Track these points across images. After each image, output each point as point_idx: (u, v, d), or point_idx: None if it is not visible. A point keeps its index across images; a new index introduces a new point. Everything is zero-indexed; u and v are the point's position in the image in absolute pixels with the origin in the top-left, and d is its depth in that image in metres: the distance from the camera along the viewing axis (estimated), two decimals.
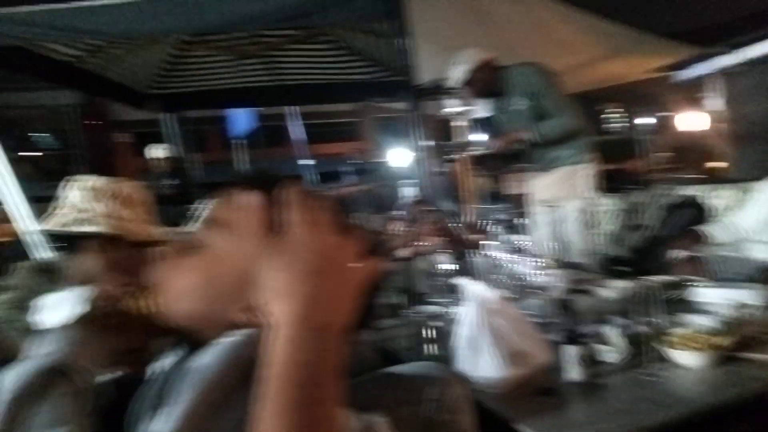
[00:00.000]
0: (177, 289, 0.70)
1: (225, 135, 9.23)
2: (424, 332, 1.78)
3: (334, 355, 0.59)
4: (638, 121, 5.26)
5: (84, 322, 0.68)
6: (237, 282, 0.69)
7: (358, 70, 5.02)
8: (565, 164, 3.10)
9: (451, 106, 1.68)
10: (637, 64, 4.62)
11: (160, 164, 5.85)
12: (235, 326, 0.69)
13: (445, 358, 1.59)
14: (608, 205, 3.62)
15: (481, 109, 3.26)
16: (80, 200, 1.53)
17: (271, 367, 0.57)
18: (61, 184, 1.58)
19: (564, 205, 3.06)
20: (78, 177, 1.58)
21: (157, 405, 0.63)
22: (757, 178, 2.52)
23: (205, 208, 0.74)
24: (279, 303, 0.59)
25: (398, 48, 4.33)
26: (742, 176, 3.66)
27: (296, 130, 8.24)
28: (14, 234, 3.27)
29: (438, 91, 4.30)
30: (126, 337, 0.69)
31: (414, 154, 5.98)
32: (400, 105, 6.27)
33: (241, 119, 7.41)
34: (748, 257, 2.41)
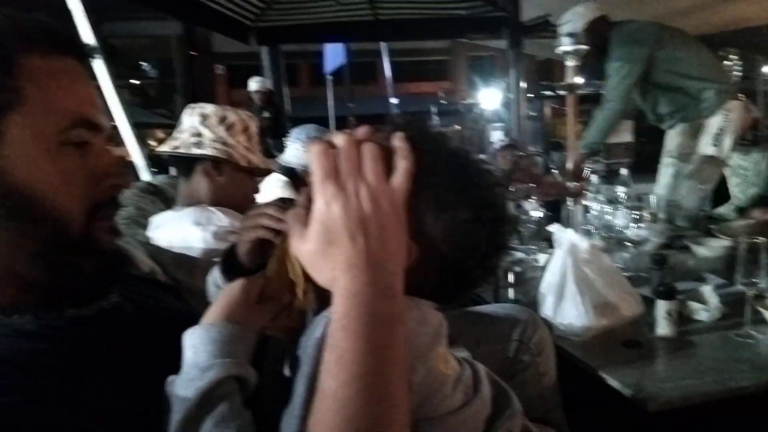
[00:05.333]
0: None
1: (316, 71, 9.31)
2: (507, 276, 1.79)
3: (392, 301, 0.59)
4: (761, 69, 4.78)
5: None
6: None
7: (456, 4, 4.87)
8: (691, 119, 2.88)
9: (561, 45, 1.60)
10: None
11: (257, 97, 6.05)
12: None
13: (527, 303, 1.60)
14: (726, 161, 3.34)
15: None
16: (193, 126, 1.62)
17: (333, 323, 0.57)
18: (186, 110, 1.67)
19: (682, 157, 2.88)
20: (194, 105, 1.67)
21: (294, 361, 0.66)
22: None
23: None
24: (330, 277, 0.60)
25: None
26: None
27: (386, 67, 8.17)
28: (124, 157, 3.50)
29: (542, 29, 4.08)
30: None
31: (508, 95, 5.84)
32: (496, 43, 6.09)
33: (333, 56, 7.43)
34: None
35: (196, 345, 0.65)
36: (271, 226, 0.84)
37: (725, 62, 5.09)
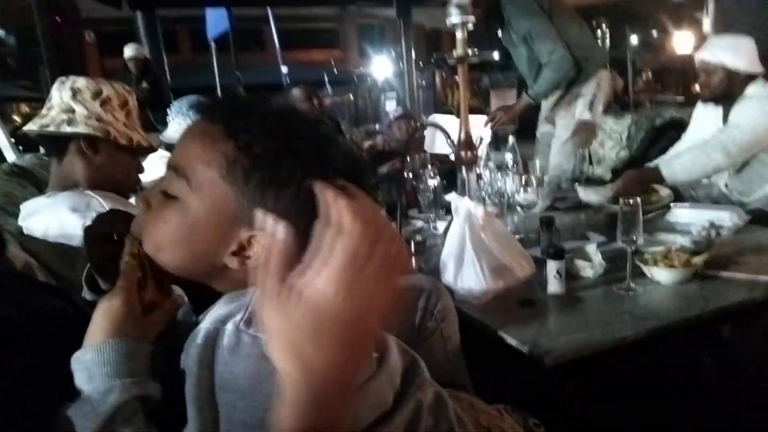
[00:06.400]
0: (159, 240, 0.69)
1: (197, 37, 8.79)
2: (409, 246, 1.82)
3: (342, 413, 0.52)
4: (630, 39, 5.18)
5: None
6: (216, 228, 0.67)
7: None
8: (568, 87, 3.05)
9: (450, 16, 1.61)
10: None
11: (133, 65, 5.61)
12: (229, 273, 0.69)
13: (429, 270, 1.64)
14: (600, 125, 3.60)
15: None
16: (64, 101, 1.47)
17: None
18: (55, 84, 1.51)
19: (562, 123, 3.05)
20: (65, 78, 1.50)
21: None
22: None
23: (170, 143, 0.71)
24: (283, 360, 0.51)
25: None
26: None
27: (273, 34, 7.88)
28: None
29: None
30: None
31: (398, 65, 5.87)
32: (385, 11, 6.06)
33: (216, 21, 7.03)
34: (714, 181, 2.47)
35: (90, 369, 0.60)
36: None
37: (598, 31, 5.46)
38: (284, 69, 7.43)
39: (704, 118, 2.52)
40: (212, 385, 0.58)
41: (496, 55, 3.37)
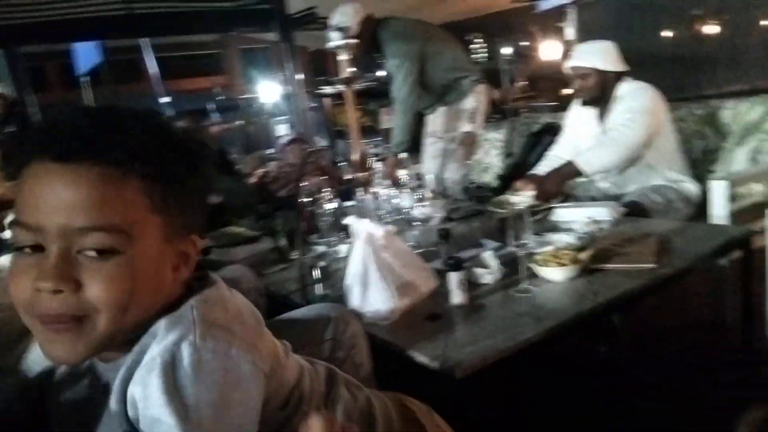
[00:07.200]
0: (122, 302, 0.66)
1: (67, 71, 8.20)
2: (312, 273, 1.79)
3: None
4: (502, 51, 5.50)
5: None
6: (162, 258, 0.70)
7: None
8: (449, 103, 3.19)
9: (332, 39, 1.64)
10: None
11: None
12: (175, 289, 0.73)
13: (335, 296, 1.62)
14: (482, 135, 3.79)
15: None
16: None
17: None
18: None
19: (448, 137, 3.18)
20: None
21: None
22: None
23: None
24: None
25: None
26: None
27: (152, 64, 7.53)
28: None
29: (311, 21, 4.12)
30: None
31: (286, 89, 5.80)
32: (267, 35, 5.98)
33: (86, 54, 6.58)
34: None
35: None
36: None
37: (472, 46, 5.75)
38: (165, 99, 7.11)
39: (578, 119, 2.72)
40: (187, 406, 0.60)
41: (380, 73, 3.46)
